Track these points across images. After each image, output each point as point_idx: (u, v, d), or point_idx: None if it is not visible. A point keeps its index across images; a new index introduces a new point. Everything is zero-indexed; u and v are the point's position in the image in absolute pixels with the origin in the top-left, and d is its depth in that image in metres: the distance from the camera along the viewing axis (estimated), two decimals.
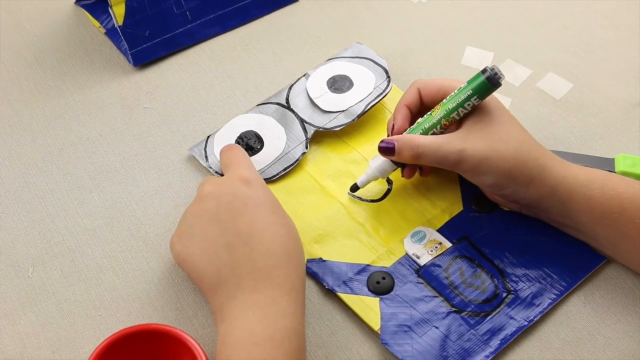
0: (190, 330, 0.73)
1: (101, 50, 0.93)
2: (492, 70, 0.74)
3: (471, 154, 0.74)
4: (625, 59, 0.94)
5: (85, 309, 0.74)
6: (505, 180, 0.74)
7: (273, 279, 0.68)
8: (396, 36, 0.95)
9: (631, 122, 0.88)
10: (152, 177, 0.83)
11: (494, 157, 0.74)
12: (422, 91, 0.80)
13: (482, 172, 0.75)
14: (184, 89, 0.90)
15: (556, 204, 0.75)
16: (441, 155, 0.75)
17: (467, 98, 0.75)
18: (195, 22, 0.93)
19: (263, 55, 0.93)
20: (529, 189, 0.75)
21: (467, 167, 0.75)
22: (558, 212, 0.75)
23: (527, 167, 0.74)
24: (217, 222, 0.70)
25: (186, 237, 0.71)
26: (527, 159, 0.74)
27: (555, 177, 0.74)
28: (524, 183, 0.74)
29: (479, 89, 0.75)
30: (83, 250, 0.78)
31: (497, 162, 0.74)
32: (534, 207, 0.77)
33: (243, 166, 0.75)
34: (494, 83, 0.74)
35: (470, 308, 0.74)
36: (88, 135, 0.86)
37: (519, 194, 0.75)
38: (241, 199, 0.70)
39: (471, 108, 0.76)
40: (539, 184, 0.74)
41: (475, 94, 0.75)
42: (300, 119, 0.86)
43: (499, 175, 0.74)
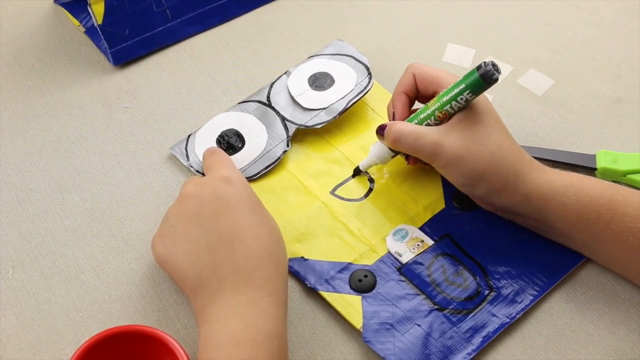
0: (172, 331, 0.73)
1: (81, 49, 0.92)
2: (486, 66, 0.74)
3: (447, 150, 0.74)
4: (607, 55, 0.94)
5: (66, 310, 0.74)
6: (476, 182, 0.75)
7: (255, 280, 0.67)
8: (378, 33, 0.95)
9: (612, 118, 0.89)
10: (133, 176, 0.82)
11: (468, 158, 0.74)
12: (417, 78, 0.80)
13: (455, 171, 0.75)
14: (164, 88, 0.89)
15: (531, 210, 0.75)
16: (418, 145, 0.75)
17: (460, 92, 0.75)
18: (176, 21, 0.93)
19: (244, 53, 0.93)
20: (501, 194, 0.75)
21: (441, 163, 0.75)
22: (533, 217, 0.76)
23: (500, 172, 0.74)
24: (199, 223, 0.70)
25: (168, 237, 0.71)
26: (501, 165, 0.74)
27: (529, 185, 0.74)
28: (496, 188, 0.74)
29: (472, 84, 0.74)
30: (63, 251, 0.77)
31: (470, 163, 0.74)
32: (508, 211, 0.77)
33: (225, 166, 0.74)
34: (488, 80, 0.74)
35: (453, 306, 0.74)
36: (68, 135, 0.85)
37: (491, 197, 0.75)
38: (223, 199, 0.70)
39: (465, 103, 0.75)
40: (511, 190, 0.74)
41: (468, 88, 0.75)
42: (281, 117, 0.85)
43: (470, 176, 0.74)
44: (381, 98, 0.88)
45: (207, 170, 0.76)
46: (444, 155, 0.74)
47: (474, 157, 0.74)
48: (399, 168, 0.83)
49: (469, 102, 0.76)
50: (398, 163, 0.83)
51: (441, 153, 0.74)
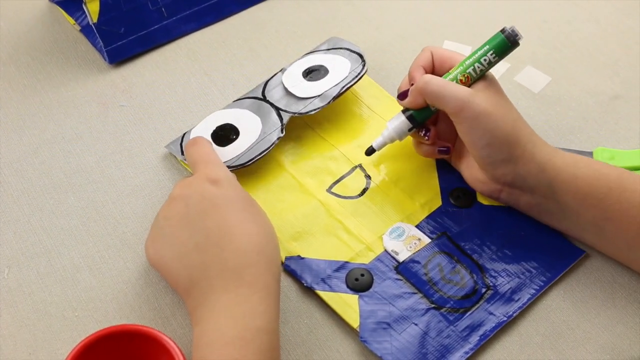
0: (168, 330, 0.73)
1: (76, 47, 0.92)
2: (510, 29, 0.76)
3: (476, 103, 0.74)
4: (604, 52, 0.94)
5: (62, 309, 0.74)
6: (499, 144, 0.74)
7: (244, 278, 0.67)
8: (374, 31, 0.95)
9: (609, 115, 0.88)
10: (129, 175, 0.82)
11: (496, 116, 0.74)
12: (435, 55, 0.80)
13: (481, 127, 0.74)
14: (160, 86, 0.89)
15: (542, 183, 0.74)
16: (447, 92, 0.75)
17: (484, 54, 0.76)
18: (171, 19, 0.92)
19: (240, 51, 0.92)
20: (517, 162, 0.74)
21: (468, 114, 0.74)
22: (542, 192, 0.75)
23: (521, 138, 0.74)
24: (187, 224, 0.69)
25: (158, 240, 0.71)
26: (523, 132, 0.75)
27: (544, 155, 0.75)
28: (515, 154, 0.74)
29: (497, 45, 0.76)
30: (59, 251, 0.77)
31: (498, 121, 0.74)
32: (518, 186, 0.76)
33: (211, 164, 0.74)
34: (512, 41, 0.76)
35: (450, 304, 0.74)
36: (64, 134, 0.85)
37: (507, 165, 0.75)
38: (210, 199, 0.70)
39: (488, 65, 0.76)
40: (528, 157, 0.74)
41: (492, 49, 0.76)
42: (276, 108, 0.85)
43: (495, 135, 0.74)
44: (377, 96, 0.88)
45: (193, 166, 0.76)
46: (473, 108, 0.74)
47: (501, 117, 0.74)
48: (395, 165, 0.83)
49: (491, 66, 0.76)
50: (395, 160, 0.83)
51: (470, 105, 0.74)
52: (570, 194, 0.74)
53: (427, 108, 0.78)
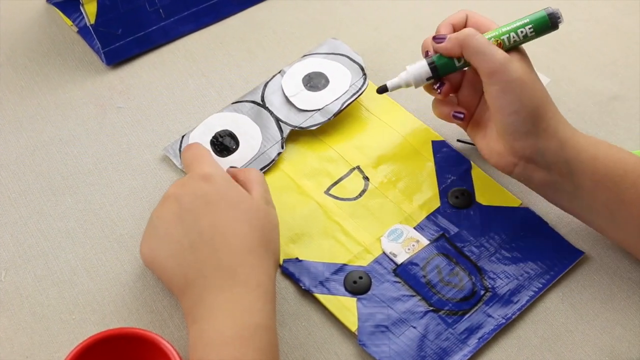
0: (165, 333, 0.72)
1: (74, 49, 0.92)
2: (555, 9, 0.76)
3: (515, 68, 0.73)
4: (603, 52, 0.94)
5: (59, 312, 0.74)
6: (525, 115, 0.73)
7: (238, 276, 0.67)
8: (372, 31, 0.94)
9: (608, 116, 0.88)
10: (127, 177, 0.82)
11: (530, 86, 0.74)
12: (470, 18, 0.79)
13: (515, 93, 0.73)
14: (157, 87, 0.89)
15: (560, 160, 0.74)
16: (487, 52, 0.74)
17: (522, 25, 0.76)
18: (169, 20, 0.92)
19: (238, 52, 0.92)
20: (540, 135, 0.74)
21: (502, 79, 0.73)
22: (559, 170, 0.74)
23: (546, 114, 0.74)
24: (180, 223, 0.69)
25: (152, 239, 0.71)
26: (548, 108, 0.74)
27: (566, 132, 0.74)
28: (538, 128, 0.74)
29: (536, 20, 0.76)
30: (56, 253, 0.77)
31: (531, 91, 0.74)
32: (535, 161, 0.75)
33: (204, 162, 0.74)
34: (554, 21, 0.76)
35: (448, 307, 0.74)
36: (61, 136, 0.85)
37: (528, 139, 0.74)
38: (202, 198, 0.70)
39: (522, 38, 0.76)
40: (551, 133, 0.74)
41: (532, 24, 0.76)
42: (275, 118, 0.85)
43: (526, 104, 0.73)
44: (375, 97, 0.88)
45: (187, 168, 0.76)
46: (510, 73, 0.73)
47: (532, 88, 0.74)
48: (394, 166, 0.83)
49: (526, 40, 0.76)
50: (393, 161, 0.83)
51: (508, 69, 0.73)
52: (588, 174, 0.73)
53: (451, 62, 0.77)
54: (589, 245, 0.79)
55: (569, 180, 0.74)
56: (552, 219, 0.80)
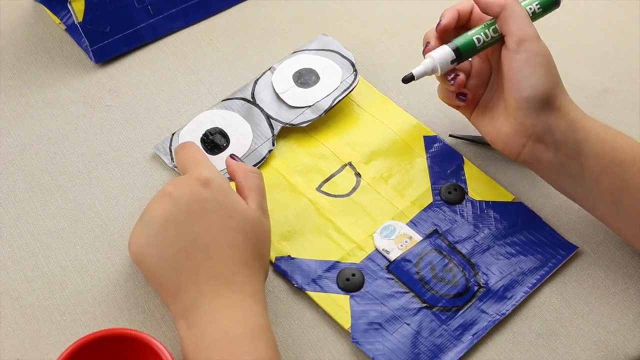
0: (157, 333, 0.72)
1: (62, 47, 0.91)
2: None
3: (542, 42, 0.75)
4: (593, 45, 0.93)
5: (50, 314, 0.73)
6: (543, 90, 0.74)
7: (234, 284, 0.67)
8: (362, 26, 0.94)
9: (600, 109, 0.88)
10: (116, 176, 0.81)
11: (552, 63, 0.76)
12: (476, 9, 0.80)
13: (536, 65, 0.74)
14: (147, 85, 0.88)
15: (569, 140, 0.74)
16: (527, 20, 0.75)
17: (530, 2, 0.78)
18: (157, 17, 0.91)
19: (227, 49, 0.91)
20: (551, 114, 0.74)
21: (530, 48, 0.74)
22: (567, 151, 0.74)
23: (560, 93, 0.75)
24: (174, 224, 0.69)
25: (142, 235, 0.70)
26: (562, 88, 0.76)
27: (577, 113, 0.75)
28: (552, 105, 0.74)
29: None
30: (46, 254, 0.76)
31: (550, 68, 0.75)
32: (544, 140, 0.75)
33: (203, 165, 0.72)
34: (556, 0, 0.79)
35: (442, 303, 0.74)
36: (50, 135, 0.84)
37: (540, 116, 0.74)
38: (198, 202, 0.69)
39: (531, 14, 0.78)
40: (564, 112, 0.75)
41: (538, 0, 0.78)
42: (266, 115, 0.84)
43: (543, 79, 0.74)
44: (366, 93, 0.87)
45: (183, 168, 0.74)
46: (539, 44, 0.75)
47: (554, 65, 0.76)
48: (386, 162, 0.82)
49: (534, 17, 0.78)
50: (385, 157, 0.83)
51: (538, 41, 0.75)
52: (595, 157, 0.73)
53: (473, 43, 0.77)
54: (583, 240, 0.78)
55: (577, 162, 0.74)
56: (546, 213, 0.80)
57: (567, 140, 0.74)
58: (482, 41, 0.77)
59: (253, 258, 0.69)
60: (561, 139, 0.74)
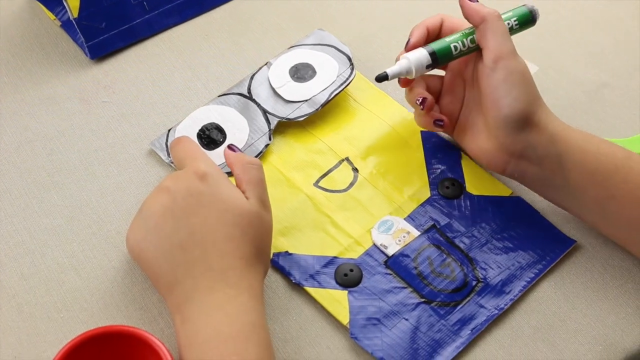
0: (155, 329, 0.71)
1: (57, 43, 0.90)
2: (532, 5, 0.80)
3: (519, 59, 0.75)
4: (590, 40, 0.93)
5: (47, 311, 0.72)
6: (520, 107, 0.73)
7: (229, 278, 0.67)
8: (359, 22, 0.94)
9: (597, 104, 0.88)
10: (113, 173, 0.81)
11: (530, 80, 0.75)
12: (445, 21, 0.80)
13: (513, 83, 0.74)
14: (143, 81, 0.88)
15: (551, 155, 0.74)
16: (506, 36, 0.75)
17: (507, 18, 0.78)
18: (153, 12, 0.91)
19: (223, 44, 0.91)
20: (531, 131, 0.74)
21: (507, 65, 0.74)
22: (550, 165, 0.74)
23: (538, 109, 0.75)
24: (172, 218, 0.68)
25: (139, 229, 0.70)
26: (540, 102, 0.76)
27: (557, 126, 0.75)
28: (531, 122, 0.74)
29: (520, 14, 0.79)
30: (43, 251, 0.76)
31: (527, 85, 0.75)
32: (526, 157, 0.75)
33: (198, 159, 0.72)
34: (534, 15, 0.79)
35: (440, 298, 0.73)
36: (45, 132, 0.83)
37: (520, 134, 0.74)
38: (196, 196, 0.69)
39: (509, 29, 0.77)
40: (542, 127, 0.74)
41: (516, 17, 0.79)
42: (262, 110, 0.84)
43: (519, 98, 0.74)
44: (363, 88, 0.87)
45: (179, 163, 0.74)
46: (518, 62, 0.75)
47: (531, 82, 0.75)
48: (383, 157, 0.82)
49: (511, 32, 0.77)
50: (382, 152, 0.82)
51: (517, 58, 0.75)
52: (578, 168, 0.73)
53: (449, 49, 0.77)
54: (581, 234, 0.78)
55: (561, 175, 0.74)
56: (544, 207, 0.80)
57: (549, 155, 0.74)
58: (459, 49, 0.77)
59: (251, 252, 0.69)
60: (544, 154, 0.74)
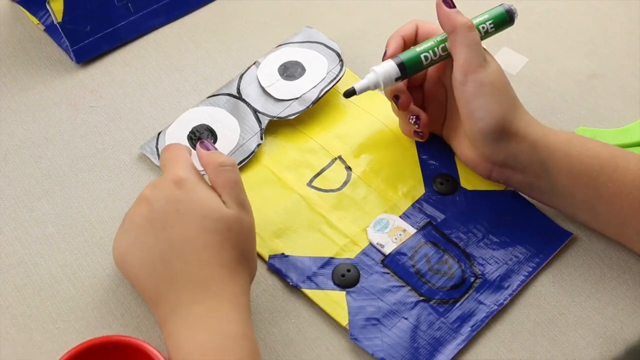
0: (152, 338, 0.71)
1: (41, 48, 0.89)
2: (509, 5, 0.78)
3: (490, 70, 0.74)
4: (579, 30, 0.93)
5: (42, 322, 0.71)
6: (495, 120, 0.73)
7: (210, 289, 0.65)
8: (347, 18, 0.93)
9: (588, 94, 0.87)
10: (103, 179, 0.80)
11: (500, 90, 0.74)
12: (420, 28, 0.79)
13: (484, 96, 0.73)
14: (130, 84, 0.87)
15: (534, 162, 0.73)
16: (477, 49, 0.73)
17: (482, 22, 0.76)
18: (138, 14, 0.90)
19: (210, 44, 0.90)
20: (510, 141, 0.73)
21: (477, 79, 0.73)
22: (535, 171, 0.74)
23: (515, 118, 0.74)
24: (151, 230, 0.67)
25: (123, 242, 0.69)
26: (517, 111, 0.75)
27: (537, 132, 0.74)
28: (508, 133, 0.73)
29: (496, 16, 0.77)
30: (36, 261, 0.75)
31: (501, 96, 0.74)
32: (509, 165, 0.75)
33: (178, 164, 0.70)
34: (511, 16, 0.77)
35: (439, 296, 0.73)
36: (33, 139, 0.82)
37: (499, 145, 0.74)
38: (173, 205, 0.67)
39: (484, 34, 0.76)
40: (521, 136, 0.73)
41: (491, 19, 0.77)
42: (253, 109, 0.83)
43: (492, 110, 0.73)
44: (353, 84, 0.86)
45: (163, 169, 0.72)
46: (488, 74, 0.73)
47: (504, 91, 0.74)
48: (376, 155, 0.82)
49: (487, 36, 0.76)
50: (375, 149, 0.82)
51: (486, 70, 0.73)
52: (563, 172, 0.73)
53: (419, 60, 0.76)
54: (577, 226, 0.78)
55: (546, 180, 0.74)
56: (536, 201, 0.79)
57: (532, 162, 0.74)
58: (429, 59, 0.76)
59: (233, 258, 0.67)
60: (526, 162, 0.74)
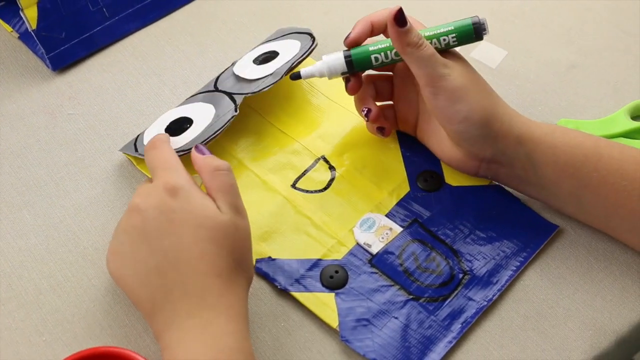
0: (141, 347, 0.70)
1: (16, 56, 0.88)
2: (481, 20, 0.74)
3: (457, 74, 0.72)
4: (556, 21, 0.93)
5: (28, 335, 0.70)
6: (477, 120, 0.72)
7: (206, 301, 0.64)
8: (324, 15, 0.92)
9: (567, 85, 0.88)
10: (85, 187, 0.79)
11: (474, 91, 0.73)
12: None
13: (459, 102, 0.72)
14: (108, 90, 0.86)
15: (520, 156, 0.73)
16: (434, 60, 0.72)
17: (445, 33, 0.74)
18: (114, 19, 0.89)
19: (188, 47, 0.89)
20: (496, 138, 0.73)
21: (445, 86, 0.72)
22: (521, 165, 0.74)
23: (497, 113, 0.73)
24: (145, 241, 0.66)
25: (117, 255, 0.68)
26: (498, 107, 0.74)
27: (521, 126, 0.74)
28: (493, 130, 0.73)
29: (461, 30, 0.74)
30: (19, 273, 0.74)
31: (476, 96, 0.73)
32: (496, 161, 0.75)
33: (170, 170, 0.69)
34: (478, 32, 0.74)
35: (428, 294, 0.73)
36: (11, 149, 0.81)
37: (485, 142, 0.73)
38: (166, 214, 0.66)
39: (444, 46, 0.74)
40: (506, 131, 0.73)
41: (455, 32, 0.74)
42: (228, 94, 0.81)
43: (472, 110, 0.72)
44: (334, 83, 0.85)
45: (152, 171, 0.71)
46: (457, 78, 0.72)
47: (479, 91, 0.73)
48: (359, 153, 0.81)
49: (447, 48, 0.75)
50: (358, 148, 0.81)
51: (454, 71, 0.72)
52: (549, 164, 0.73)
53: (369, 58, 0.75)
54: (562, 218, 0.78)
55: (533, 172, 0.74)
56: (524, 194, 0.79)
57: (518, 156, 0.74)
58: (380, 61, 0.75)
59: (229, 267, 0.66)
60: (513, 156, 0.74)
